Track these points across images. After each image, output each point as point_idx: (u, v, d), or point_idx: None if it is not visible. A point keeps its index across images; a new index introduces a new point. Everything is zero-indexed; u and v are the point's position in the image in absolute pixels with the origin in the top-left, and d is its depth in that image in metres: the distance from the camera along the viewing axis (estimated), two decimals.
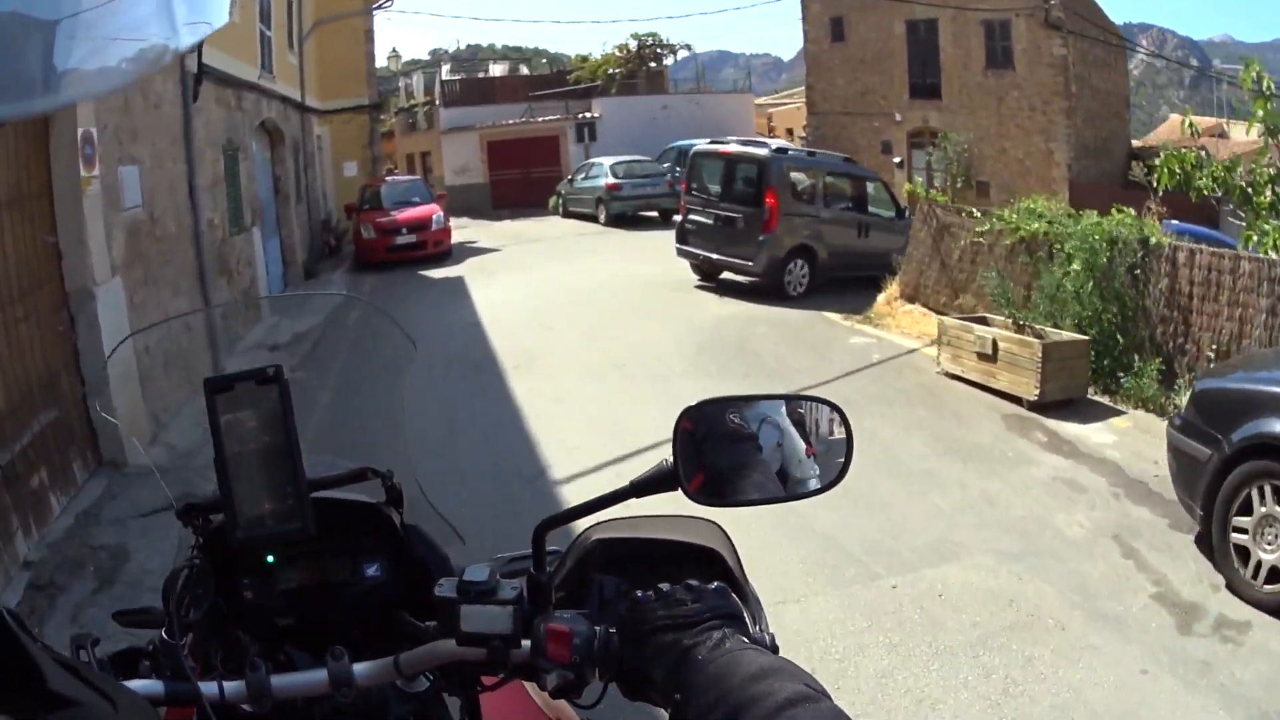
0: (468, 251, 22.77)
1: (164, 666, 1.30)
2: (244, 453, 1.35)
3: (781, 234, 15.40)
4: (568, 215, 29.79)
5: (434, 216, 22.09)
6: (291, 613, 1.54)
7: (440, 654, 1.29)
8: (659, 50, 44.27)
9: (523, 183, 35.31)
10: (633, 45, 43.94)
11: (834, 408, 1.50)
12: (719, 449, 1.43)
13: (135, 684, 1.23)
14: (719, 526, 1.54)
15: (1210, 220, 24.32)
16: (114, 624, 1.48)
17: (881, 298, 14.78)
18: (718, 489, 1.41)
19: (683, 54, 45.32)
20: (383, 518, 1.59)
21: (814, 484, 1.46)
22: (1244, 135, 27.53)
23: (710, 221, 16.29)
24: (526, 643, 1.25)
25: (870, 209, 16.98)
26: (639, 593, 1.24)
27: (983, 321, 10.98)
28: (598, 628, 1.24)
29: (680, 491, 1.35)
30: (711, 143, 17.76)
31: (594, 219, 27.63)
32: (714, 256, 16.26)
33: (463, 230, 25.48)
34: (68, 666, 0.89)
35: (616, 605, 1.28)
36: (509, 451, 8.42)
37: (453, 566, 1.53)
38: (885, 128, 30.64)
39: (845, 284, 15.64)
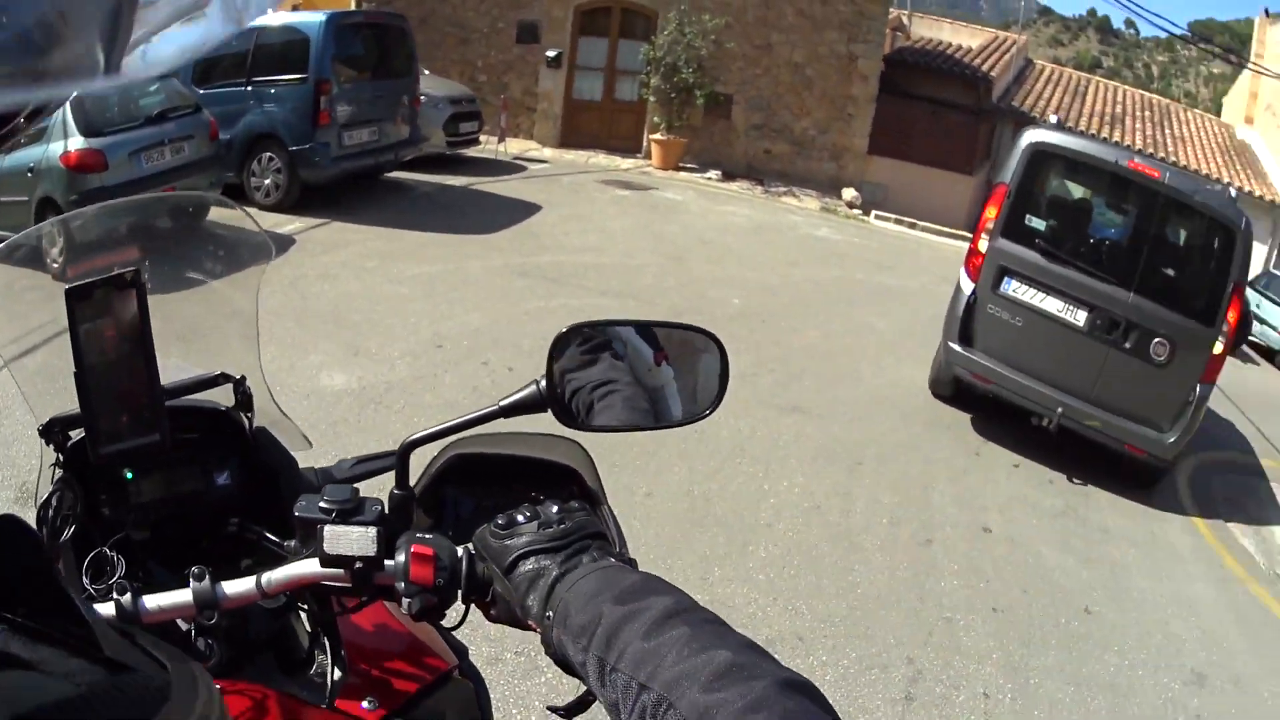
0: None
1: None
2: (102, 363, 1.53)
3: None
4: None
5: None
6: (147, 525, 1.67)
7: (304, 575, 1.38)
8: None
9: None
10: None
11: (710, 336, 1.61)
12: (593, 373, 1.56)
13: None
14: (580, 446, 1.63)
15: None
16: None
17: None
18: (587, 413, 1.53)
19: None
20: (232, 423, 1.78)
21: (686, 412, 1.62)
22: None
23: (1076, 322, 8.91)
24: (390, 563, 1.35)
25: None
26: (501, 517, 1.31)
27: None
28: (461, 550, 1.36)
29: (550, 413, 1.47)
30: (1099, 142, 11.29)
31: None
32: (1074, 404, 8.83)
33: None
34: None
35: (473, 524, 1.39)
36: None
37: (300, 470, 1.75)
38: (530, 1, 21.06)
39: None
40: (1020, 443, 9.34)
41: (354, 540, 1.33)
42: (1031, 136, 9.14)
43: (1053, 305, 8.93)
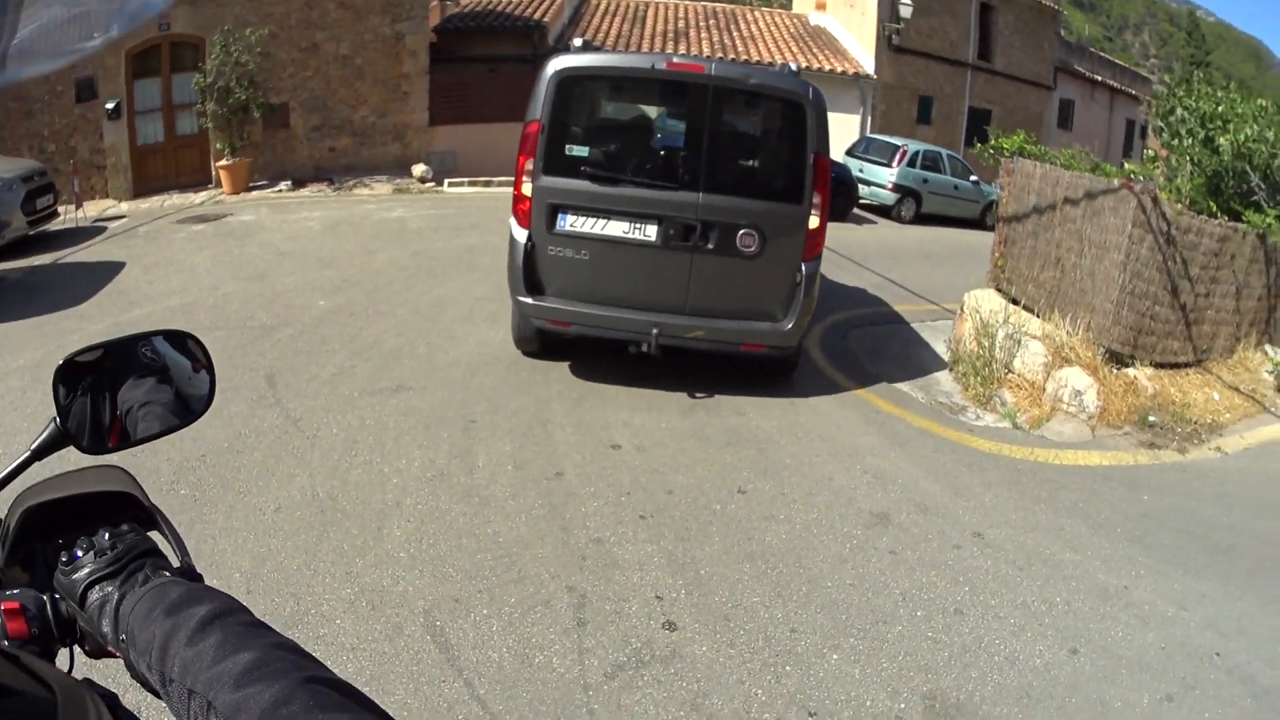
0: None
1: None
2: None
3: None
4: None
5: None
6: None
7: None
8: None
9: None
10: None
11: (193, 337, 1.83)
12: (139, 393, 1.71)
13: None
14: (122, 469, 1.66)
15: None
16: None
17: (1034, 366, 9.29)
18: (127, 430, 1.69)
19: None
20: None
21: (208, 402, 1.81)
22: None
23: (648, 238, 8.26)
24: None
25: None
26: (64, 554, 1.40)
27: None
28: (45, 597, 1.39)
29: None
30: (585, 49, 8.80)
31: None
32: (670, 320, 8.29)
33: None
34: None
35: (55, 570, 1.41)
36: None
37: None
38: (82, 61, 18.94)
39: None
40: (633, 376, 9.03)
41: None
42: (555, 65, 8.34)
43: (617, 229, 8.32)
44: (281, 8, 19.81)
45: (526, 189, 8.31)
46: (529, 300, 8.40)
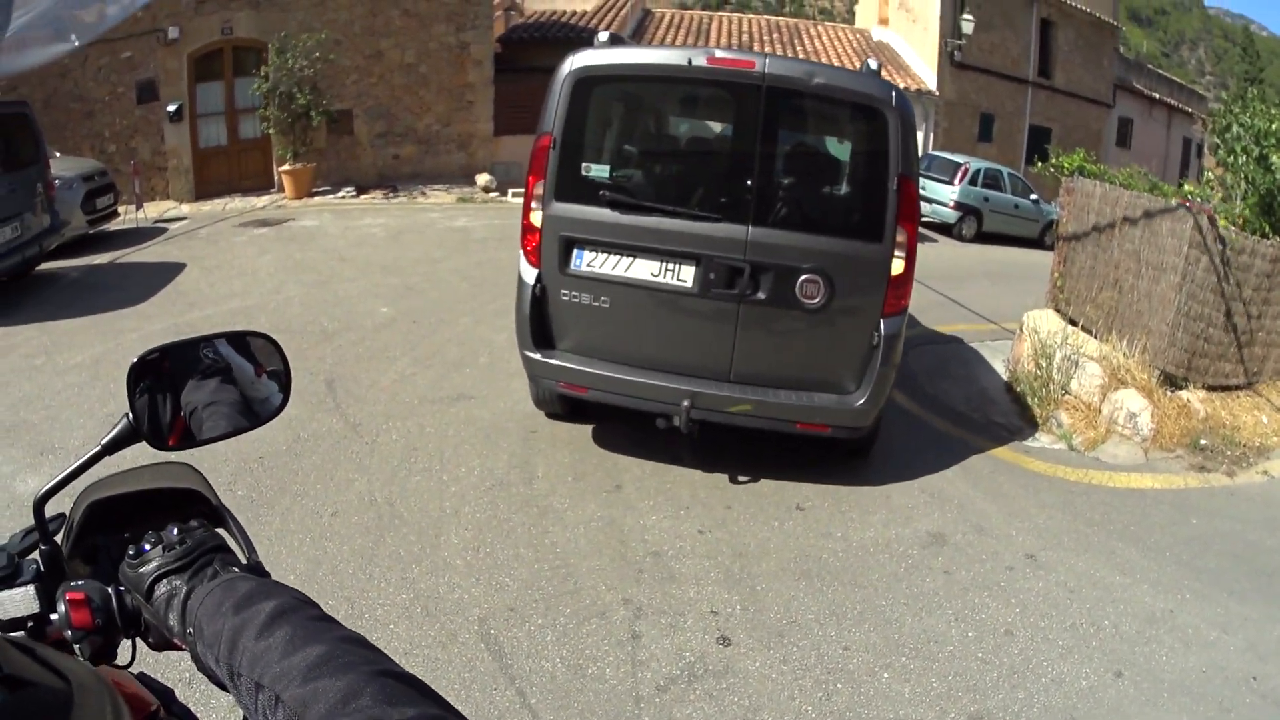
0: None
1: None
2: None
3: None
4: None
5: None
6: None
7: None
8: None
9: None
10: None
11: (269, 339, 1.84)
12: (202, 394, 1.71)
13: None
14: (190, 466, 1.75)
15: None
16: None
17: (1090, 388, 9.06)
18: (191, 429, 1.67)
19: None
20: None
21: (274, 403, 1.80)
22: None
23: (684, 282, 6.57)
24: (55, 616, 1.41)
25: None
26: (131, 548, 1.42)
27: None
28: (110, 589, 1.43)
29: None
30: (611, 44, 6.88)
31: None
32: (708, 390, 6.61)
33: None
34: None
35: (121, 563, 1.43)
36: None
37: None
38: (145, 59, 19.12)
39: None
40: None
41: (17, 602, 1.41)
42: (572, 63, 6.71)
43: (644, 270, 6.64)
44: (345, 14, 20.01)
45: (536, 218, 6.96)
46: (537, 357, 6.93)
